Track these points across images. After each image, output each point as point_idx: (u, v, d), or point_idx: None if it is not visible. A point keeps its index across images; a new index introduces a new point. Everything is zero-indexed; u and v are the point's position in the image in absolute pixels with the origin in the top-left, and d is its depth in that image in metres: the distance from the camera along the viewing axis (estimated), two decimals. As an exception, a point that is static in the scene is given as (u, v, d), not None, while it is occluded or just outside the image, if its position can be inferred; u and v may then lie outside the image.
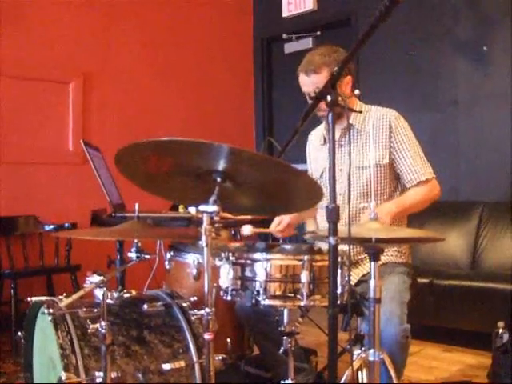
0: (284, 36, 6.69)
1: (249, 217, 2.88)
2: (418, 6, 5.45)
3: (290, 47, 6.70)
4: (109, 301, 2.11)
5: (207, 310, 1.87)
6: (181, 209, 3.33)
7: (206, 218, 1.84)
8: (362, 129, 2.84)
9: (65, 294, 2.36)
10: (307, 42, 6.45)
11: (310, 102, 2.80)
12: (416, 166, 2.77)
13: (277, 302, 2.14)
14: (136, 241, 2.39)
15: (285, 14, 6.72)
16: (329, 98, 1.78)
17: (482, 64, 5.25)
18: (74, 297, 2.05)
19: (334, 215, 1.74)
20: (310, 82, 2.76)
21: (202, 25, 6.49)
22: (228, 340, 2.97)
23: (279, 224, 2.93)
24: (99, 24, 5.67)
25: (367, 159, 2.79)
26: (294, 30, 6.64)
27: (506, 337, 3.17)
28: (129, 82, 5.87)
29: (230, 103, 6.75)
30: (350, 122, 2.80)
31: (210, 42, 6.57)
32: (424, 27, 5.59)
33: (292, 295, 2.11)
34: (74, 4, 5.47)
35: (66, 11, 5.43)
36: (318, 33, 6.46)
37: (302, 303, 2.11)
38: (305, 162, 3.21)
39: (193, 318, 2.39)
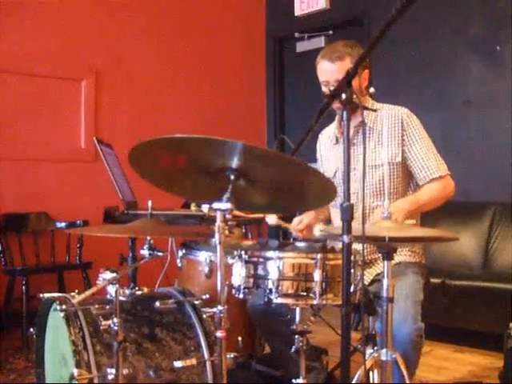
0: (296, 35, 6.68)
1: (261, 215, 2.88)
2: (431, 4, 5.42)
3: (302, 46, 6.70)
4: (121, 298, 2.11)
5: (220, 307, 1.87)
6: (193, 207, 3.33)
7: (219, 216, 1.84)
8: (374, 127, 2.83)
9: (77, 291, 2.36)
10: (319, 41, 6.44)
11: (324, 90, 2.80)
12: (429, 163, 2.74)
13: (289, 301, 2.14)
14: (149, 238, 2.39)
15: (297, 12, 6.70)
16: (344, 96, 1.77)
17: (494, 64, 5.22)
18: (87, 293, 2.05)
19: (348, 214, 1.74)
20: (333, 70, 2.73)
21: (214, 23, 6.49)
22: (239, 338, 2.97)
23: (299, 223, 2.91)
24: (111, 22, 5.68)
25: (380, 157, 2.78)
26: (306, 29, 6.63)
27: (518, 338, 3.15)
28: (141, 79, 5.87)
29: (242, 101, 6.74)
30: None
31: (222, 40, 6.57)
32: (437, 26, 5.56)
33: (304, 294, 2.11)
34: (86, 2, 5.49)
35: (79, 8, 5.44)
36: (331, 32, 6.45)
37: (315, 302, 2.10)
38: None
39: (204, 315, 2.39)
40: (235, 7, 6.71)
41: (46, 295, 2.41)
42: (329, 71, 2.76)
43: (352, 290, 2.13)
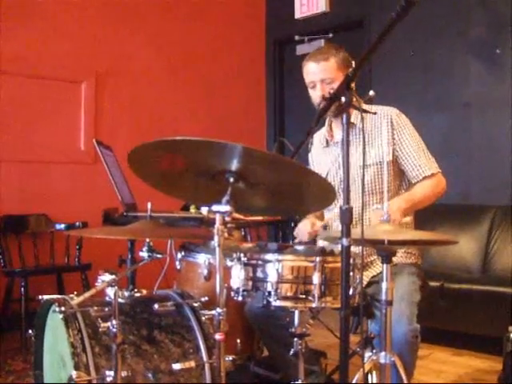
0: (296, 38, 6.69)
1: (260, 217, 2.87)
2: (432, 6, 5.43)
3: (302, 49, 6.70)
4: (120, 300, 2.11)
5: (219, 310, 1.87)
6: (192, 209, 3.33)
7: (218, 218, 1.84)
8: (364, 127, 2.83)
9: (76, 293, 2.36)
10: (319, 44, 6.43)
11: (310, 93, 2.87)
12: (420, 162, 2.75)
13: (288, 304, 2.13)
14: (148, 240, 2.39)
15: (297, 15, 6.72)
16: (343, 99, 1.77)
17: (494, 66, 5.23)
18: (86, 295, 2.04)
19: (346, 217, 1.74)
20: (318, 70, 2.78)
21: (214, 25, 6.50)
22: (238, 341, 2.97)
23: (313, 226, 2.81)
24: (112, 24, 5.69)
25: (370, 157, 2.79)
26: (306, 32, 6.64)
27: (517, 341, 3.14)
28: (141, 81, 5.88)
29: (242, 104, 6.75)
30: (352, 120, 2.78)
31: (222, 42, 6.57)
32: (437, 28, 5.57)
33: (303, 296, 2.10)
34: (86, 3, 5.49)
35: (79, 11, 5.44)
36: (331, 35, 6.46)
37: (314, 305, 2.10)
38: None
39: (203, 318, 2.39)
40: (235, 10, 6.72)
41: (45, 297, 2.41)
42: (314, 72, 2.82)
43: (351, 292, 2.13)
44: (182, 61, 6.22)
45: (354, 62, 2.70)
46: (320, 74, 2.78)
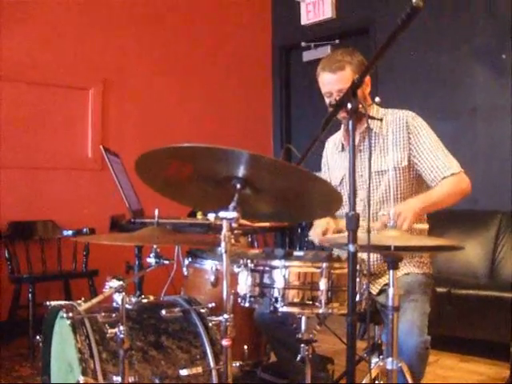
0: (303, 44, 6.69)
1: (267, 224, 2.87)
2: (437, 13, 5.44)
3: (308, 55, 6.71)
4: (127, 306, 2.12)
5: (226, 316, 1.87)
6: (199, 216, 3.34)
7: (225, 225, 1.85)
8: (380, 132, 2.80)
9: (83, 299, 2.37)
10: (326, 50, 6.44)
11: (327, 101, 2.78)
12: (438, 163, 2.67)
13: (295, 309, 2.14)
14: (155, 246, 2.40)
15: (304, 22, 6.72)
16: (349, 105, 1.78)
17: (500, 72, 5.22)
18: (93, 301, 2.05)
19: (353, 223, 1.74)
20: (335, 80, 2.72)
21: (220, 32, 6.51)
22: (245, 347, 2.97)
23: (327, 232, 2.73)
24: (118, 31, 5.70)
25: (386, 163, 2.75)
26: (312, 38, 6.65)
27: (524, 347, 3.14)
28: (148, 88, 5.90)
29: (248, 111, 6.76)
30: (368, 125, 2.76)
31: (228, 49, 6.59)
32: (443, 34, 5.57)
33: (310, 302, 2.11)
34: (93, 12, 5.51)
35: (86, 18, 5.47)
36: (337, 41, 6.47)
37: (320, 311, 2.10)
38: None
39: (210, 324, 2.40)
40: (241, 17, 6.73)
41: (53, 303, 2.42)
42: (330, 82, 2.75)
43: (358, 299, 2.13)
44: (189, 67, 6.23)
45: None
46: (337, 84, 2.71)
